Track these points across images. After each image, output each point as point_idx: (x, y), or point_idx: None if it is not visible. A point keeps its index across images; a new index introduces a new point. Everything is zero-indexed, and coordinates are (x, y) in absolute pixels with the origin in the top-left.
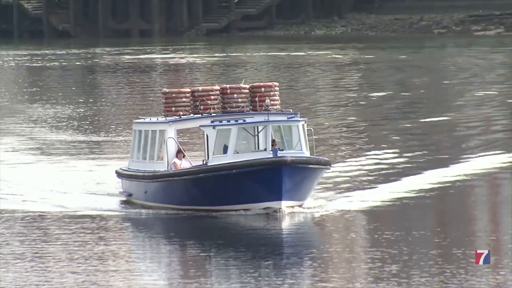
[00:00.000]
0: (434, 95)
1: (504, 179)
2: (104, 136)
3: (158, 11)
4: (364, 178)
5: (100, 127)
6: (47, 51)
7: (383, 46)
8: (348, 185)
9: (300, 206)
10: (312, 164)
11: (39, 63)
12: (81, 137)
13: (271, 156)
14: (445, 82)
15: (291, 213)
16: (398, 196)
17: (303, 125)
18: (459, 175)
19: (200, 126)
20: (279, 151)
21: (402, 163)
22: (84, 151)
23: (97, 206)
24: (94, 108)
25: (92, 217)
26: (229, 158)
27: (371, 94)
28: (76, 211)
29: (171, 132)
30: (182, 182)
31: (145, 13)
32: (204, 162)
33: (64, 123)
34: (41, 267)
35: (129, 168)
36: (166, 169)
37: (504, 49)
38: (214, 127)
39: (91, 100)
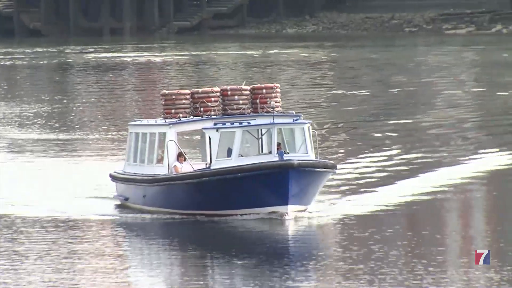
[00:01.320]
0: (409, 94)
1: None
2: (74, 135)
3: (129, 9)
4: (362, 181)
5: (70, 125)
6: (17, 50)
7: (355, 45)
8: (347, 187)
9: (304, 210)
10: (319, 168)
11: (9, 62)
12: (51, 136)
13: (277, 159)
14: (418, 81)
15: (297, 217)
16: (399, 199)
17: (308, 127)
18: (455, 177)
19: (203, 128)
20: (285, 155)
21: (399, 164)
22: (54, 149)
23: (92, 210)
24: (64, 106)
25: (87, 221)
26: (234, 162)
27: (348, 93)
28: (62, 214)
29: (171, 134)
30: (185, 186)
31: (116, 12)
32: (207, 166)
33: (32, 121)
34: (24, 279)
35: (125, 172)
36: (167, 172)
37: (475, 47)
38: (217, 129)
39: (60, 99)
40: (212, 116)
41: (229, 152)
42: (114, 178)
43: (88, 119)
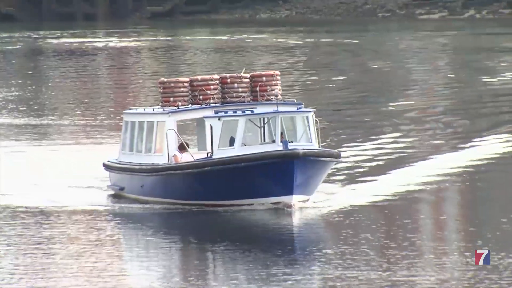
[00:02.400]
0: (388, 79)
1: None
2: (46, 120)
3: None
4: (359, 169)
5: (42, 110)
6: None
7: (328, 30)
8: (346, 176)
9: (307, 200)
10: (324, 157)
11: None
12: (21, 121)
13: (282, 148)
14: (395, 65)
15: (302, 208)
16: (400, 188)
17: (312, 116)
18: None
19: (204, 117)
20: (289, 144)
21: (394, 151)
22: (26, 135)
23: (85, 200)
24: (36, 91)
25: (81, 212)
26: (237, 151)
27: (327, 78)
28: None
29: (171, 123)
30: (186, 176)
31: None
32: (208, 155)
33: (2, 107)
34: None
35: (120, 161)
36: (167, 162)
37: (448, 32)
38: (219, 118)
39: (31, 83)
40: (211, 104)
41: (232, 141)
42: (108, 167)
43: (60, 104)
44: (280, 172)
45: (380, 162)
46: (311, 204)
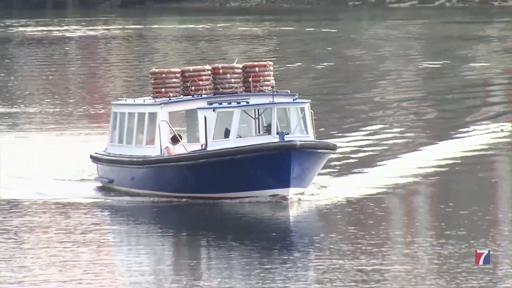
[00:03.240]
0: (365, 68)
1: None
2: (15, 108)
3: None
4: (351, 161)
5: (10, 98)
6: None
7: (299, 19)
8: (340, 168)
9: (302, 193)
10: (321, 149)
11: None
12: None
13: (278, 140)
14: (369, 54)
15: (298, 200)
16: (392, 180)
17: (308, 107)
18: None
19: (198, 108)
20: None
21: (384, 141)
22: None
23: (72, 192)
24: (5, 80)
25: (70, 204)
26: (232, 143)
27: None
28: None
29: (163, 115)
30: (180, 168)
31: None
32: (203, 147)
33: None
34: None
35: (109, 153)
36: (159, 154)
37: (419, 21)
38: (214, 109)
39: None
40: (203, 95)
41: (227, 133)
42: (96, 159)
43: (29, 92)
44: (276, 164)
45: (370, 153)
46: (307, 197)
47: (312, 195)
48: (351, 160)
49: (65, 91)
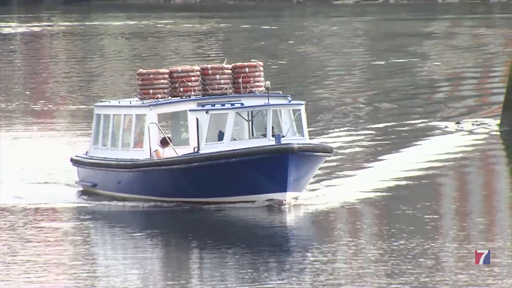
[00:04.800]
0: (317, 65)
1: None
2: None
3: None
4: (339, 163)
5: None
6: None
7: (244, 15)
8: (331, 171)
9: (297, 197)
10: (318, 152)
11: None
12: None
13: (274, 143)
14: (318, 50)
15: (293, 205)
16: (382, 183)
17: (304, 108)
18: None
19: (189, 110)
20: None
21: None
22: None
23: (52, 196)
24: None
25: (51, 210)
26: (226, 146)
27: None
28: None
29: (152, 117)
30: (171, 172)
31: None
32: (195, 150)
33: None
34: None
35: (92, 156)
36: (148, 157)
37: (364, 18)
38: (207, 111)
39: None
40: (192, 97)
41: (220, 136)
42: (77, 162)
43: None
44: (273, 167)
45: (357, 155)
46: (301, 201)
47: (304, 199)
48: (338, 163)
49: (7, 88)
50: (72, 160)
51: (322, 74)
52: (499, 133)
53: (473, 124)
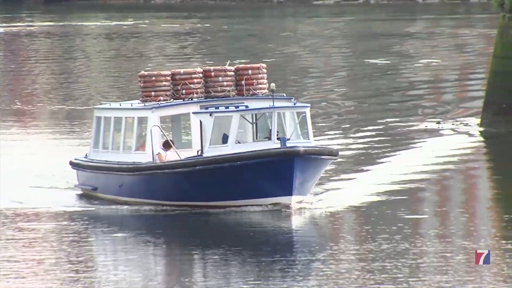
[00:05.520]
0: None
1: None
2: None
3: None
4: (340, 167)
5: None
6: None
7: (224, 15)
8: (333, 173)
9: (301, 201)
10: (324, 155)
11: None
12: None
13: (279, 146)
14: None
15: (300, 209)
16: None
17: (309, 111)
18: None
19: (193, 113)
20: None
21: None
22: None
23: (52, 200)
24: None
25: (50, 214)
26: (231, 149)
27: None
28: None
29: (154, 119)
30: (175, 175)
31: None
32: (199, 153)
33: None
34: None
35: (92, 159)
36: (151, 160)
37: (344, 18)
38: (211, 114)
39: None
40: (195, 99)
41: (224, 139)
42: (77, 166)
43: None
44: (279, 171)
45: (356, 158)
46: (305, 205)
47: (308, 202)
48: (339, 166)
49: None
50: (71, 163)
51: (307, 75)
52: (479, 133)
53: (453, 124)
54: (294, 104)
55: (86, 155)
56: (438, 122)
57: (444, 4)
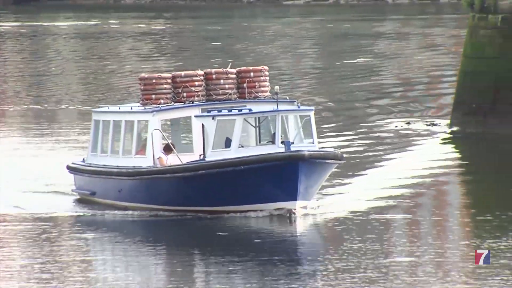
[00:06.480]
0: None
1: None
2: None
3: None
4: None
5: None
6: None
7: (195, 16)
8: (336, 178)
9: (305, 206)
10: (329, 159)
11: None
12: None
13: (283, 150)
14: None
15: (303, 214)
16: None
17: (313, 114)
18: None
19: (195, 116)
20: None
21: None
22: None
23: (49, 205)
24: None
25: (49, 219)
26: (234, 153)
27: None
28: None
29: (155, 123)
30: (177, 180)
31: None
32: (201, 157)
33: None
34: None
35: (90, 163)
36: (152, 164)
37: (314, 18)
38: (213, 117)
39: None
40: (196, 102)
41: (227, 142)
42: (75, 170)
43: None
44: (283, 175)
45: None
46: (310, 210)
47: (313, 208)
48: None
49: None
50: (68, 167)
51: (279, 76)
52: (449, 133)
53: (423, 124)
54: (298, 107)
55: (83, 159)
56: (408, 123)
57: (414, 4)
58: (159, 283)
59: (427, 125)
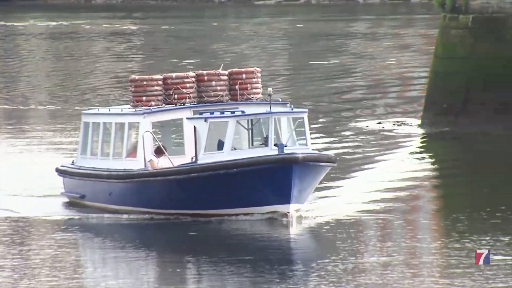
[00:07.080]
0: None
1: None
2: None
3: None
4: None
5: None
6: None
7: (167, 15)
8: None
9: (299, 209)
10: (323, 162)
11: None
12: None
13: (277, 152)
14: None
15: (299, 217)
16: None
17: (307, 116)
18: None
19: (187, 118)
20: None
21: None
22: None
23: (38, 208)
24: None
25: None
26: (227, 155)
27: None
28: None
29: (146, 125)
30: (169, 183)
31: None
32: (193, 160)
33: None
34: None
35: (80, 166)
36: (143, 167)
37: (286, 18)
38: (206, 119)
39: None
40: (187, 104)
41: (220, 145)
42: (63, 172)
43: None
44: (277, 178)
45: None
46: (303, 213)
47: (307, 211)
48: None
49: None
50: (57, 170)
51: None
52: (420, 133)
53: (394, 124)
54: (292, 109)
55: (73, 162)
56: (379, 122)
57: (385, 4)
58: (151, 286)
59: (398, 125)
